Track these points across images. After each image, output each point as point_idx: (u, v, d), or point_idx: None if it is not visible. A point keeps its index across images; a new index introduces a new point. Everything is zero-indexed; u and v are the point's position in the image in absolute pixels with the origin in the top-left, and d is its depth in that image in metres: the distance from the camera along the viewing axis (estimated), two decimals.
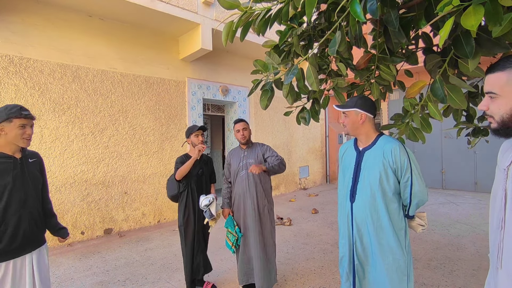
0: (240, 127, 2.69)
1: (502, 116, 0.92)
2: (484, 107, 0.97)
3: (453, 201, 6.25)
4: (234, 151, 2.81)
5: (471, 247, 3.70)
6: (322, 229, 4.65)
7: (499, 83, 0.91)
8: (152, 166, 5.17)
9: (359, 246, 1.69)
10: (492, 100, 0.94)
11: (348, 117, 1.73)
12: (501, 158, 1.03)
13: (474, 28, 1.01)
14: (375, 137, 1.71)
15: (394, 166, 1.60)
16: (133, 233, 4.69)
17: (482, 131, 2.24)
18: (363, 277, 1.69)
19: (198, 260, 2.69)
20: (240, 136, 2.69)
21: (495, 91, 0.92)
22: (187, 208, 2.67)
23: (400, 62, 1.78)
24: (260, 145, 2.78)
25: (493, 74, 0.94)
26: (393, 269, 1.59)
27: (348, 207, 1.74)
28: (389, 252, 1.60)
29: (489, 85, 0.95)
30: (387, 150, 1.61)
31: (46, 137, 4.07)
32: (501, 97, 0.91)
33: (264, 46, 1.98)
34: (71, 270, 3.33)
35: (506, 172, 0.95)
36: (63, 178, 4.20)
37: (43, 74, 4.06)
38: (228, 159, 2.81)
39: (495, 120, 0.95)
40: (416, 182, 1.58)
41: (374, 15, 1.23)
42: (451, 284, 2.79)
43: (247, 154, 2.70)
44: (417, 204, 1.63)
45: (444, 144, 7.59)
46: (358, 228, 1.68)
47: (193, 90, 5.77)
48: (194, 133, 2.70)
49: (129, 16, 4.61)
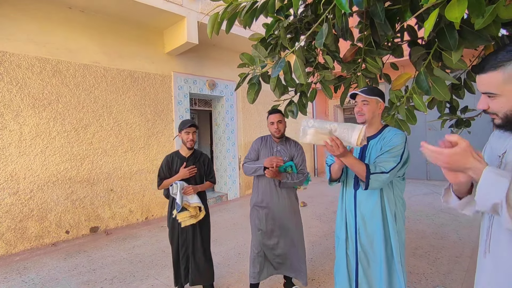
0: (275, 119, 2.41)
1: (506, 113, 0.90)
2: (484, 106, 0.95)
3: (436, 191, 6.44)
4: (264, 141, 2.56)
5: (453, 235, 3.82)
6: (311, 221, 4.70)
7: (495, 83, 0.89)
8: (139, 162, 5.08)
9: (362, 233, 1.69)
10: (492, 99, 0.92)
11: (369, 105, 1.69)
12: (496, 144, 1.04)
13: (457, 20, 1.03)
14: (381, 127, 1.74)
15: (385, 144, 1.61)
16: (120, 230, 4.62)
17: (464, 122, 2.30)
18: (368, 265, 1.70)
19: (183, 266, 2.48)
20: (274, 129, 2.43)
21: (493, 91, 0.90)
22: (173, 210, 2.50)
23: (386, 55, 1.80)
24: (294, 144, 2.55)
25: (485, 74, 0.91)
26: (390, 253, 1.63)
27: (351, 194, 1.75)
28: (387, 236, 1.63)
29: (484, 86, 0.92)
30: (389, 135, 1.64)
31: (26, 134, 3.92)
32: (501, 96, 0.89)
33: (251, 39, 1.95)
34: (56, 270, 3.24)
35: (500, 159, 0.97)
36: (45, 176, 4.07)
37: (20, 68, 3.89)
38: (256, 147, 2.56)
39: (499, 117, 0.93)
40: (393, 163, 1.55)
41: (359, 7, 1.23)
42: (435, 272, 2.88)
43: (281, 150, 2.48)
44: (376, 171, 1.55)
45: (428, 136, 7.78)
46: (362, 215, 1.69)
47: (180, 84, 5.67)
48: (185, 129, 2.45)
49: (111, 8, 4.46)
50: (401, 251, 1.64)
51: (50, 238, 4.10)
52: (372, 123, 1.73)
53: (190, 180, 2.51)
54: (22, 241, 3.87)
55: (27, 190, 3.93)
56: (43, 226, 4.03)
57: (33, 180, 3.97)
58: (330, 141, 1.44)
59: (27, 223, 3.91)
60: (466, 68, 1.94)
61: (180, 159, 2.55)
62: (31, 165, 3.96)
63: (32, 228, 3.95)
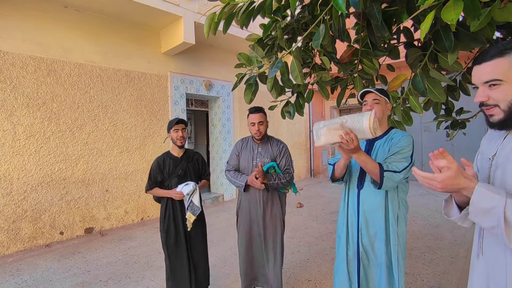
0: (255, 120, 2.26)
1: (510, 102, 0.88)
2: (484, 97, 0.91)
3: (432, 192, 6.49)
4: (245, 143, 2.43)
5: (448, 235, 3.85)
6: (307, 222, 4.70)
7: (501, 69, 0.87)
8: (134, 162, 5.04)
9: (364, 233, 1.69)
10: (495, 88, 0.90)
11: (379, 104, 1.68)
12: (487, 147, 1.04)
13: (453, 22, 1.03)
14: (388, 129, 1.74)
15: (393, 146, 1.60)
16: (116, 231, 4.58)
17: (460, 124, 2.32)
18: (368, 265, 1.70)
19: (179, 275, 2.32)
20: (254, 131, 2.29)
21: (499, 78, 0.88)
22: (167, 213, 2.37)
23: (383, 56, 1.80)
24: (276, 142, 2.40)
25: (490, 62, 0.89)
26: (390, 255, 1.63)
27: (354, 193, 1.74)
28: (388, 237, 1.63)
29: (488, 74, 0.90)
30: (397, 137, 1.64)
31: (20, 134, 3.88)
32: (506, 83, 0.87)
33: (248, 40, 1.95)
34: (49, 272, 3.21)
35: (491, 161, 0.97)
36: (39, 176, 4.03)
37: (14, 67, 3.85)
38: (237, 151, 2.45)
39: (501, 108, 0.89)
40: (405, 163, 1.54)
41: (356, 8, 1.23)
42: (431, 272, 2.90)
43: (262, 151, 2.34)
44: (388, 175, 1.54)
45: (424, 137, 7.84)
46: (365, 215, 1.69)
47: (176, 84, 5.65)
48: (173, 127, 2.31)
49: (107, 7, 4.43)
50: (401, 254, 1.63)
51: (44, 239, 4.05)
52: (380, 123, 1.71)
53: (185, 181, 2.39)
54: (15, 242, 3.82)
55: (21, 190, 3.88)
56: (37, 227, 3.99)
57: (27, 180, 3.92)
58: (345, 134, 1.41)
59: (21, 224, 3.86)
60: (462, 70, 1.96)
61: (173, 160, 2.40)
62: (25, 165, 3.91)
63: (26, 229, 3.90)
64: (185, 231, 2.36)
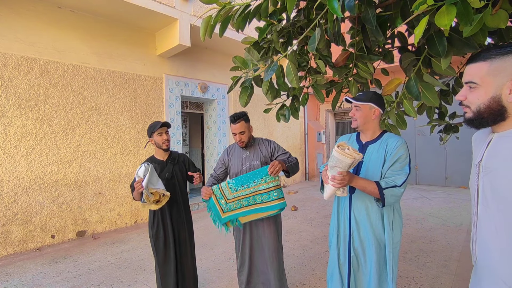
0: (236, 131, 2.25)
1: (479, 106, 0.92)
2: (462, 97, 0.97)
3: (425, 196, 6.54)
4: (233, 149, 2.43)
5: (442, 239, 3.88)
6: (302, 225, 4.70)
7: (480, 73, 0.91)
8: (128, 165, 4.99)
9: (356, 237, 1.69)
10: (471, 90, 0.94)
11: (361, 111, 1.69)
12: (474, 153, 1.06)
13: (447, 27, 1.05)
14: (380, 133, 1.73)
15: (390, 154, 1.61)
16: (108, 235, 4.52)
17: (453, 128, 2.34)
18: (358, 270, 1.70)
19: (169, 280, 2.27)
20: (237, 141, 2.31)
21: (475, 81, 0.92)
22: (156, 218, 2.29)
23: (377, 60, 1.82)
24: (264, 142, 2.39)
25: (474, 64, 0.93)
26: (383, 261, 1.63)
27: (346, 198, 1.74)
28: (381, 244, 1.63)
29: (469, 75, 0.94)
30: (392, 142, 1.63)
31: (11, 135, 3.82)
32: (480, 87, 0.91)
33: (243, 43, 1.95)
34: (40, 276, 3.14)
35: (478, 168, 0.98)
36: (30, 178, 3.96)
37: (6, 67, 3.79)
38: (225, 158, 2.44)
39: (471, 110, 0.95)
40: (403, 176, 1.56)
41: (351, 12, 1.24)
42: (424, 275, 2.91)
43: (250, 155, 2.34)
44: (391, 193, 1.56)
45: (417, 141, 7.92)
46: (356, 220, 1.68)
47: (171, 87, 5.63)
48: (157, 131, 2.25)
49: (102, 8, 4.40)
50: (393, 261, 1.63)
51: (35, 242, 3.97)
52: (367, 129, 1.72)
53: (175, 186, 2.33)
54: (5, 246, 3.74)
55: (11, 193, 3.81)
56: (27, 230, 3.91)
57: (17, 182, 3.85)
58: (332, 180, 1.49)
59: (11, 227, 3.79)
60: (455, 75, 1.98)
61: (158, 164, 2.32)
62: (16, 167, 3.85)
63: (16, 232, 3.82)
64: (174, 236, 2.32)
